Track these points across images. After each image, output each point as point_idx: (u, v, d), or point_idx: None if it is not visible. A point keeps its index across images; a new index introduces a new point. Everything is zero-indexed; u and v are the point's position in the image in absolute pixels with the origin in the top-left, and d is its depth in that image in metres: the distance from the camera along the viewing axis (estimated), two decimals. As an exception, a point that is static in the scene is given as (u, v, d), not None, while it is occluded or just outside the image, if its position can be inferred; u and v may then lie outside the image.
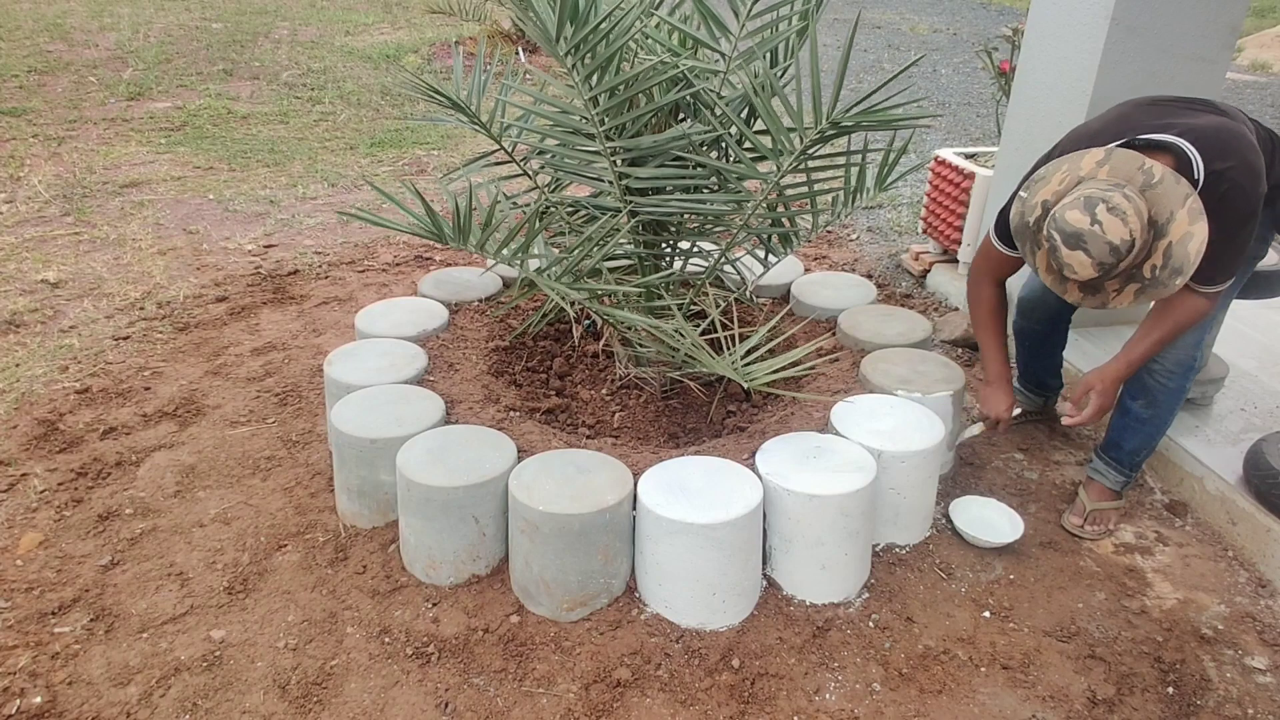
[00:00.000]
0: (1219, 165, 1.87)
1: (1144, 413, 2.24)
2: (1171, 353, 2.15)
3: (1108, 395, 2.15)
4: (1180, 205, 1.80)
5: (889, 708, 1.80)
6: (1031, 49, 2.92)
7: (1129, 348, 2.12)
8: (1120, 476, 2.33)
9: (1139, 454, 2.30)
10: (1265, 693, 1.87)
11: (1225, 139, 1.91)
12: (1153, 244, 1.83)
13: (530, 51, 7.71)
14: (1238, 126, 1.96)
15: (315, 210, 4.43)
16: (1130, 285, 1.87)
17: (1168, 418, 2.25)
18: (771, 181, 2.26)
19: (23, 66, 6.86)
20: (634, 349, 2.55)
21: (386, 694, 1.80)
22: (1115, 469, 2.33)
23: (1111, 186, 1.80)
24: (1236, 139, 1.92)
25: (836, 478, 2.00)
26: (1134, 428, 2.27)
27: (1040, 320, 2.52)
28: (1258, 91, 7.57)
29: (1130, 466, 2.32)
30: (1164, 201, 1.82)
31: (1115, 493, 2.35)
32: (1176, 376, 2.17)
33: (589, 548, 1.93)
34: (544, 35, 1.99)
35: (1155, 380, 2.19)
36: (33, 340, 3.13)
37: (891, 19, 10.64)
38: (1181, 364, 2.16)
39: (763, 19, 2.29)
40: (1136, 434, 2.27)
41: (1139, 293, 1.87)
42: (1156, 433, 2.27)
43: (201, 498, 2.36)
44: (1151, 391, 2.21)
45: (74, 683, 1.81)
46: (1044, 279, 1.95)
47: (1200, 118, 1.97)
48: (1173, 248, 1.81)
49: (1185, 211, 1.80)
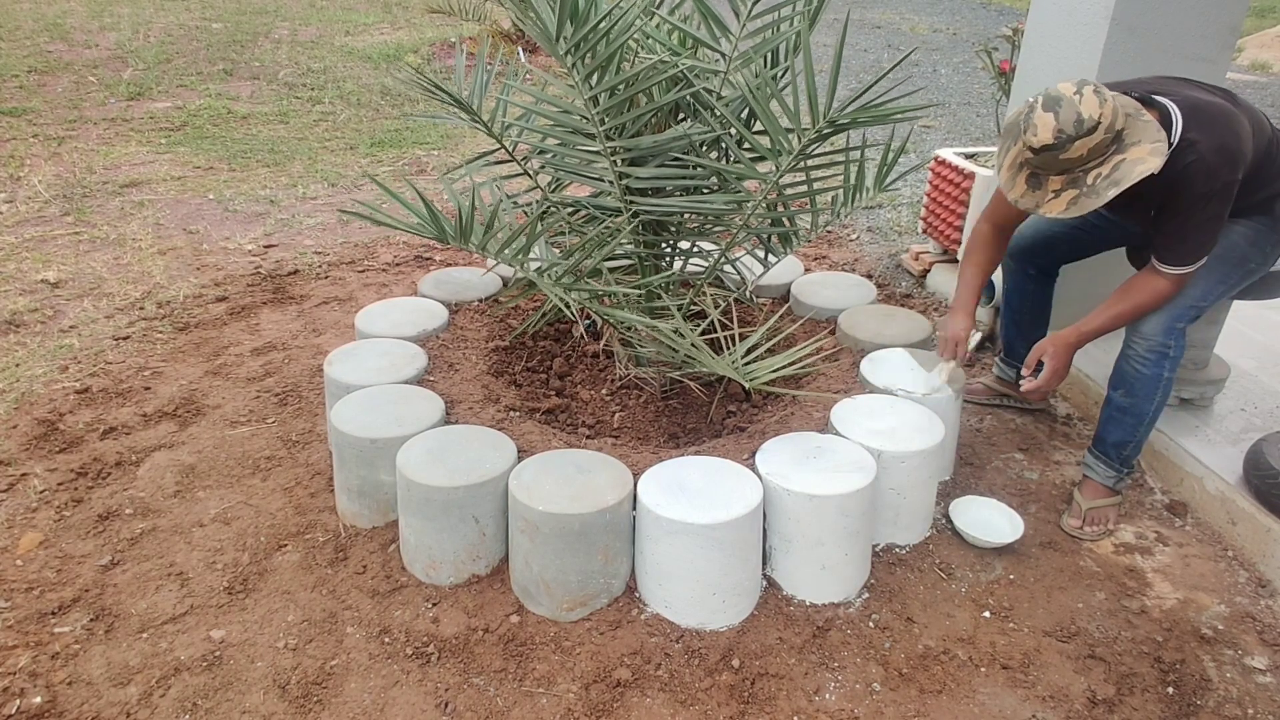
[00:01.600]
0: (1193, 135, 1.96)
1: (1123, 401, 2.24)
2: (1144, 337, 2.15)
3: (1059, 358, 2.19)
4: (1149, 140, 1.91)
5: (889, 708, 1.80)
6: (1031, 49, 2.91)
7: (1087, 319, 2.19)
8: (1111, 471, 2.32)
9: (1125, 447, 2.29)
10: (1265, 693, 1.87)
11: (1213, 115, 1.98)
12: (1109, 154, 1.93)
13: (530, 51, 7.71)
14: (1233, 113, 2.00)
15: (315, 210, 4.43)
16: (1069, 190, 1.96)
17: (1146, 407, 2.22)
18: (771, 181, 2.26)
19: (23, 66, 6.86)
20: (634, 349, 2.55)
21: (386, 694, 1.80)
22: (1104, 463, 2.33)
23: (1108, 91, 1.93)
24: (1223, 120, 1.97)
25: (836, 478, 2.00)
26: (1115, 418, 2.27)
27: (1028, 267, 2.57)
28: (1258, 91, 7.57)
29: (1120, 461, 2.31)
30: (1137, 129, 1.93)
31: (1109, 489, 2.34)
32: (1150, 363, 2.16)
33: (589, 548, 1.93)
34: (544, 35, 1.99)
35: (1130, 366, 2.20)
36: (33, 340, 3.13)
37: (891, 19, 10.63)
38: (1154, 350, 2.15)
39: (764, 18, 2.29)
40: (1119, 425, 2.27)
41: (1073, 201, 1.96)
42: (1138, 424, 2.25)
43: (201, 498, 2.36)
44: (1127, 379, 2.21)
45: (74, 683, 1.81)
46: (1003, 177, 2.05)
47: (1204, 95, 2.03)
48: (1122, 165, 1.91)
49: (1150, 145, 1.91)
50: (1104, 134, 1.89)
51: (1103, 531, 2.30)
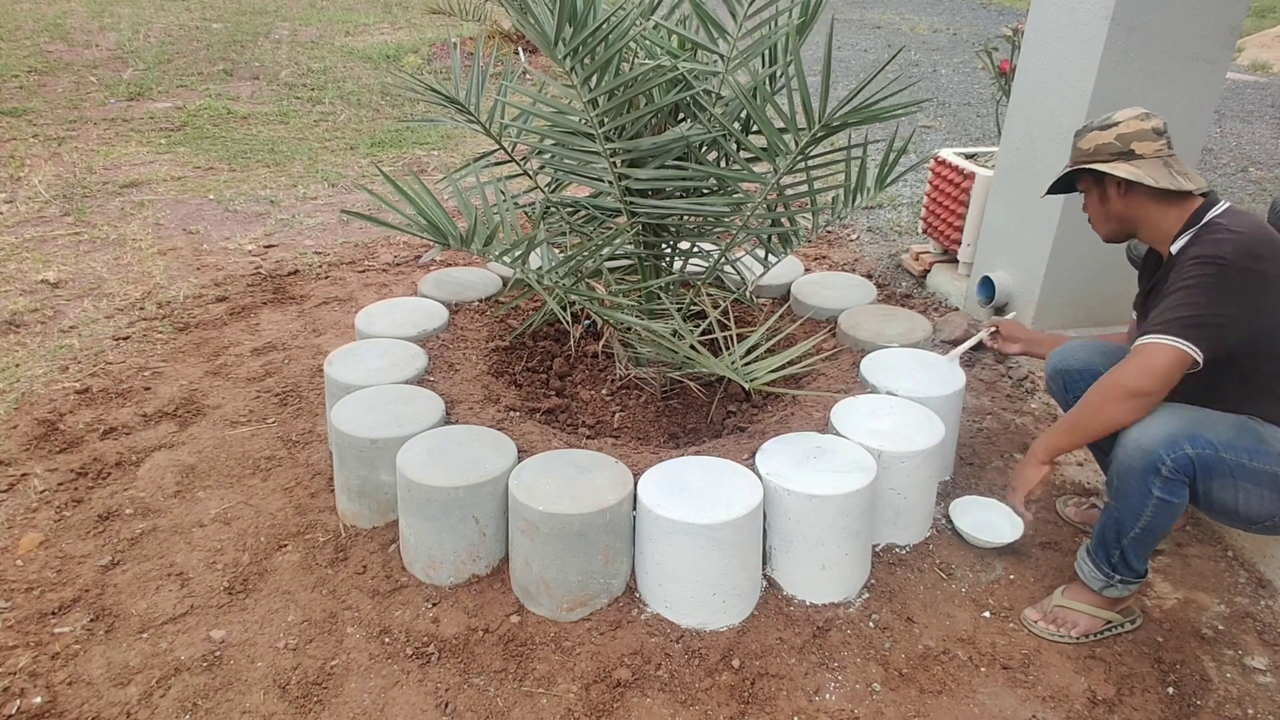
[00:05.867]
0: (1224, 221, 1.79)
1: (1110, 498, 1.88)
2: (1140, 432, 1.79)
3: (1026, 464, 1.97)
4: (1148, 170, 1.85)
5: (889, 708, 1.80)
6: (1031, 49, 2.92)
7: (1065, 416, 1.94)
8: (1096, 572, 1.95)
9: (1106, 546, 1.91)
10: (1265, 693, 1.87)
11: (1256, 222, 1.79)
12: (1112, 160, 1.89)
13: (530, 52, 7.71)
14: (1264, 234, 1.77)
15: (315, 210, 4.43)
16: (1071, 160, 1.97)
17: (1126, 515, 1.84)
18: (770, 183, 2.26)
19: (23, 66, 6.86)
20: (634, 349, 2.55)
21: (386, 694, 1.80)
22: (1089, 560, 1.97)
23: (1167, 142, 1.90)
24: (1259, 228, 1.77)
25: (836, 478, 2.00)
26: (1105, 511, 1.91)
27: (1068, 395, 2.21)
28: (1258, 91, 7.56)
29: (1105, 561, 1.92)
30: (1154, 164, 1.86)
31: (1093, 591, 1.97)
32: (1136, 471, 1.78)
33: (589, 548, 1.93)
34: (543, 38, 1.99)
35: (1115, 459, 1.83)
36: (33, 340, 3.13)
37: (891, 19, 10.64)
38: (1142, 448, 1.76)
39: (760, 17, 2.29)
40: (1103, 519, 1.91)
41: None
42: (1117, 527, 1.87)
43: (201, 498, 2.36)
44: (1111, 474, 1.86)
45: (74, 683, 1.81)
46: None
47: None
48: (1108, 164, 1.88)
49: (1139, 171, 1.85)
50: (1114, 138, 1.87)
51: (1060, 634, 1.97)
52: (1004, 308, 3.16)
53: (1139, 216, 1.92)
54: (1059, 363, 2.18)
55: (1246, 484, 1.77)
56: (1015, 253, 3.06)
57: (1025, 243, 3.00)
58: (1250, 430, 1.81)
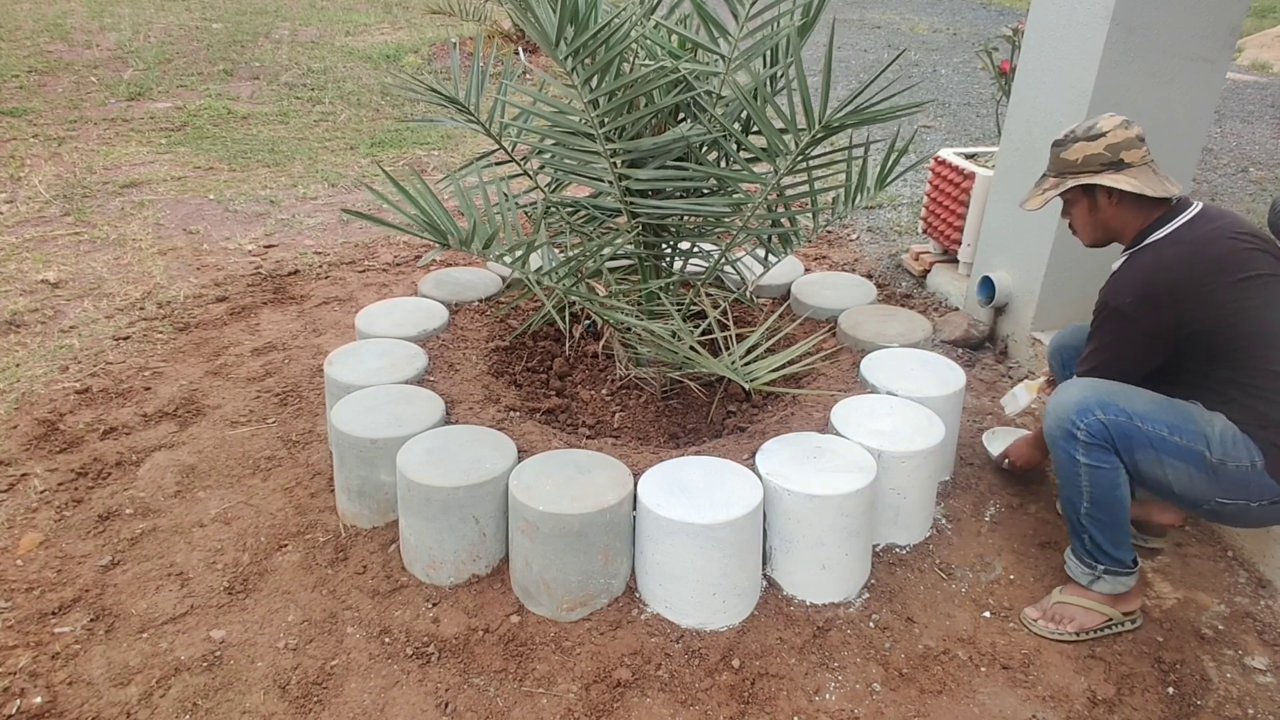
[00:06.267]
0: (1168, 239, 1.86)
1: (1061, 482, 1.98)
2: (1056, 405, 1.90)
3: (1030, 442, 2.29)
4: (1144, 180, 1.87)
5: (889, 708, 1.80)
6: (1031, 49, 2.92)
7: None
8: (1080, 565, 1.99)
9: (1076, 531, 1.97)
10: (1265, 693, 1.87)
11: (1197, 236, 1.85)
12: (1102, 170, 1.90)
13: (531, 51, 7.71)
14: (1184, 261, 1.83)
15: (315, 210, 4.43)
16: (1050, 192, 1.97)
17: (1070, 490, 1.92)
18: (770, 183, 2.26)
19: (23, 66, 6.86)
20: (634, 349, 2.55)
21: (386, 694, 1.80)
22: (1072, 555, 2.03)
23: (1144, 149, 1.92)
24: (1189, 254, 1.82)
25: (836, 478, 2.00)
26: (1059, 496, 2.02)
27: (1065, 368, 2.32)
28: (1258, 91, 7.56)
29: (1083, 549, 1.97)
30: (1143, 171, 1.89)
31: (1083, 587, 2.00)
32: (1060, 438, 1.89)
33: (589, 548, 1.93)
34: (544, 38, 1.99)
35: (1044, 432, 1.96)
36: (33, 340, 3.13)
37: (891, 19, 10.63)
38: (1057, 416, 1.89)
39: (762, 18, 2.29)
40: (1061, 506, 2.02)
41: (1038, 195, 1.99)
42: (1071, 505, 1.94)
43: (201, 498, 2.36)
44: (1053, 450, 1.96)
45: (74, 683, 1.81)
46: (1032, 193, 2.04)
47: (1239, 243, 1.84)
48: (1100, 174, 1.90)
49: (1133, 181, 1.87)
50: (1103, 148, 1.88)
51: (1060, 631, 1.98)
52: (1005, 311, 3.16)
53: (1124, 224, 1.95)
54: (1060, 341, 2.33)
55: (1171, 459, 1.83)
56: (1015, 253, 3.06)
57: (1025, 243, 3.00)
58: (1179, 410, 1.87)
